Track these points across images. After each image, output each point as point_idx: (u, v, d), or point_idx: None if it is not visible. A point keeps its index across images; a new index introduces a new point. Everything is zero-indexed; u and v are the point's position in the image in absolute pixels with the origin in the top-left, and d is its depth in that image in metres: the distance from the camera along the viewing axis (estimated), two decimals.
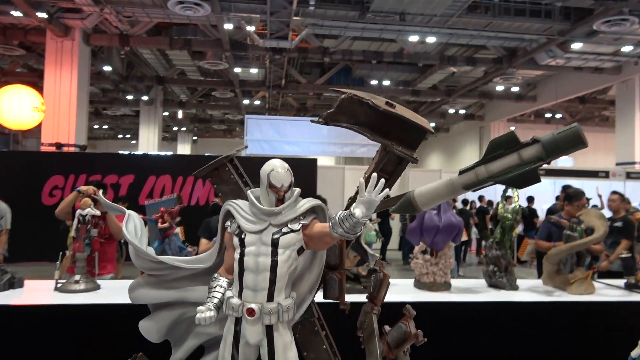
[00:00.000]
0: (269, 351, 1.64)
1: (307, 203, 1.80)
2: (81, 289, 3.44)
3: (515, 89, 20.13)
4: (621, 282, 4.51)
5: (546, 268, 4.38)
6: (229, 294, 1.76)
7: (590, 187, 12.98)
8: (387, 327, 1.48)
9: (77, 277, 3.44)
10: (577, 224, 4.59)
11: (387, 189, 1.58)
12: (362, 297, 3.84)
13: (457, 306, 3.66)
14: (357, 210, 1.57)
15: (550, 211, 9.38)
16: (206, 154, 17.45)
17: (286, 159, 1.86)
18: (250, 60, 16.50)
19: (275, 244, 1.70)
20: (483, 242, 11.98)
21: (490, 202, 13.83)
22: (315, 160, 12.06)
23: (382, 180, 1.57)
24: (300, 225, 1.75)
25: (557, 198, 10.22)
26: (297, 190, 1.80)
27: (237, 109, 24.66)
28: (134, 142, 30.57)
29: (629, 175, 14.64)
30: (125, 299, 3.02)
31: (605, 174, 14.68)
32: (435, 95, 20.88)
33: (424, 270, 4.08)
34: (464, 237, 11.24)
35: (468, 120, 25.56)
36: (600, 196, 10.53)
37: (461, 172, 2.08)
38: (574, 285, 4.12)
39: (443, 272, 4.16)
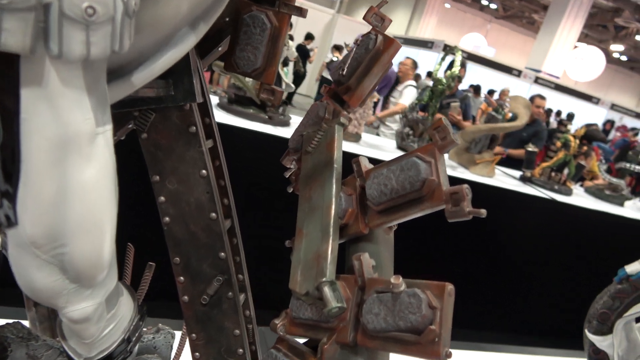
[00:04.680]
0: None
1: None
2: None
3: None
4: (518, 173, 4.60)
5: None
6: None
7: (501, 81, 13.34)
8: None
9: None
10: (502, 107, 4.45)
11: None
12: (266, 128, 3.35)
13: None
14: None
15: None
16: None
17: None
18: None
19: None
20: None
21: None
22: None
23: None
24: None
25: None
26: None
27: None
28: None
29: (537, 80, 15.16)
30: None
31: (518, 73, 15.00)
32: None
33: None
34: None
35: None
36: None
37: None
38: (479, 166, 4.16)
39: (357, 122, 3.78)
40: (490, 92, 11.50)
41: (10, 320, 0.74)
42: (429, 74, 11.60)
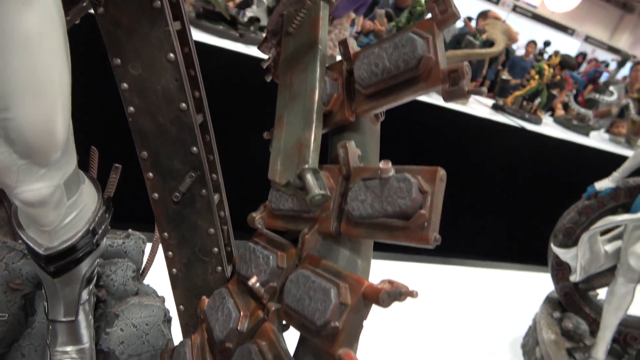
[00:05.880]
0: None
1: None
2: None
3: None
4: (490, 101, 4.65)
5: None
6: None
7: (478, 8, 13.00)
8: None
9: None
10: (481, 32, 4.39)
11: None
12: (237, 46, 3.17)
13: None
14: None
15: None
16: None
17: None
18: None
19: None
20: None
21: None
22: None
23: None
24: None
25: None
26: None
27: None
28: None
29: (515, 9, 14.87)
30: None
31: (497, 0, 14.63)
32: None
33: None
34: None
35: None
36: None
37: None
38: None
39: (333, 44, 3.64)
40: (469, 19, 11.25)
41: None
42: None
